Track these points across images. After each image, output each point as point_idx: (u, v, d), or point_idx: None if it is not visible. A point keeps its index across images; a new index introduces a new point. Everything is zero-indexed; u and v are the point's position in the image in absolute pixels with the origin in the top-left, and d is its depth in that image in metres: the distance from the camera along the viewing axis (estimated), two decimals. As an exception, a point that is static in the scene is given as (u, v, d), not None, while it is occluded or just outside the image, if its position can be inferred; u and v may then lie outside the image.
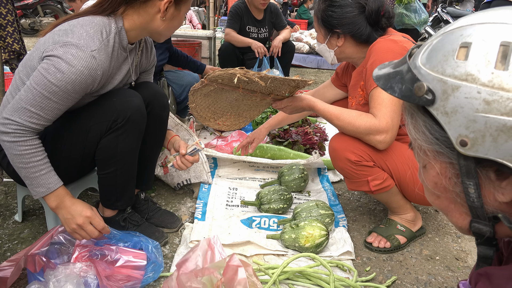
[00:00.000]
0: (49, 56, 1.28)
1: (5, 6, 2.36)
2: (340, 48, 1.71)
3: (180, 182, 2.11)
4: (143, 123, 1.52)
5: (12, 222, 1.79)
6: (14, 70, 2.62)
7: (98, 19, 1.39)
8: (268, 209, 1.89)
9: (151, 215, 1.80)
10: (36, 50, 1.37)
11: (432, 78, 0.58)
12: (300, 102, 1.58)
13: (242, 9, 3.81)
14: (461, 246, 1.77)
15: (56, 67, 1.26)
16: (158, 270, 1.44)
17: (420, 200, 1.68)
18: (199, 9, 10.52)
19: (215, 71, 1.40)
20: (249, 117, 1.82)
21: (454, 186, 0.61)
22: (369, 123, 1.51)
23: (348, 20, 1.63)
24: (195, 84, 1.49)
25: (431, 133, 0.60)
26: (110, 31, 1.40)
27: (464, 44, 0.56)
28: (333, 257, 1.60)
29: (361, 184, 1.64)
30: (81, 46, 1.29)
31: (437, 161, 0.62)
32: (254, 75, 1.34)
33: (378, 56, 1.56)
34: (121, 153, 1.49)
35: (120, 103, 1.43)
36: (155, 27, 1.45)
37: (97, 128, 1.42)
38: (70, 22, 1.38)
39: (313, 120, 3.21)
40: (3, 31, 2.39)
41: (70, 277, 1.23)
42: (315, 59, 6.36)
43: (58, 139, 1.44)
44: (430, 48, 0.61)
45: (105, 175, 1.53)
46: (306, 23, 8.91)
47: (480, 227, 0.61)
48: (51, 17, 8.45)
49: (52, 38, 1.33)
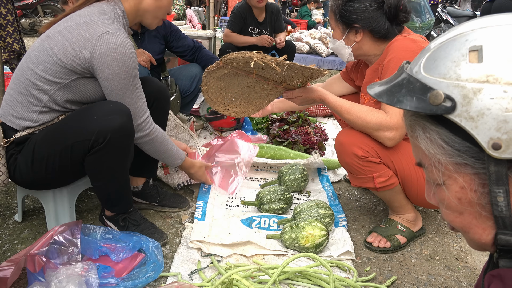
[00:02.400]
0: (99, 55, 1.35)
1: (5, 6, 2.37)
2: (358, 43, 1.69)
3: (181, 183, 2.12)
4: (127, 141, 1.47)
5: (12, 222, 1.79)
6: (14, 70, 2.62)
7: (104, 6, 1.47)
8: (268, 209, 1.89)
9: (162, 197, 1.93)
10: (57, 48, 1.38)
11: (446, 85, 0.56)
12: (311, 93, 1.57)
13: (246, 10, 3.81)
14: (461, 246, 1.77)
15: (117, 60, 1.37)
16: (158, 270, 1.44)
17: (423, 202, 1.68)
18: (199, 9, 10.52)
19: (231, 53, 1.38)
20: (258, 106, 1.81)
21: (480, 197, 0.58)
22: (380, 119, 1.51)
23: (367, 14, 1.62)
24: (210, 66, 1.47)
25: (449, 145, 0.58)
26: (119, 15, 1.49)
27: (473, 48, 0.55)
28: (333, 257, 1.60)
29: (366, 181, 1.63)
30: (114, 32, 1.38)
31: (460, 174, 0.59)
32: (271, 60, 1.32)
33: (396, 54, 1.55)
34: (107, 171, 1.48)
35: (100, 122, 1.38)
36: (146, 6, 1.55)
37: (80, 146, 1.40)
38: (80, 15, 1.42)
39: (313, 120, 3.21)
40: (3, 31, 2.39)
41: (72, 278, 1.23)
42: (315, 59, 6.36)
43: (46, 151, 1.43)
44: (431, 57, 0.59)
45: (96, 186, 1.55)
46: (306, 23, 8.91)
47: (508, 239, 0.58)
48: (51, 17, 8.45)
49: (78, 34, 1.37)
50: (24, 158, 1.45)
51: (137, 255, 1.51)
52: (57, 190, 1.61)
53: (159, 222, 1.85)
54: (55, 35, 1.41)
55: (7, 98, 1.49)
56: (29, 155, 1.43)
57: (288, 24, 7.79)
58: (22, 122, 1.46)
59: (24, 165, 1.45)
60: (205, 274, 1.49)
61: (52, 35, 1.42)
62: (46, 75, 1.41)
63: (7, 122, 1.47)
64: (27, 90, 1.43)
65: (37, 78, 1.41)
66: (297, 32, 7.06)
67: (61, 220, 1.64)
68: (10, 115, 1.47)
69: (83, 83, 1.45)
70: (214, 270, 1.50)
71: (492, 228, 0.60)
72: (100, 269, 1.44)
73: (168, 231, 1.77)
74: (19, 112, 1.45)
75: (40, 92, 1.43)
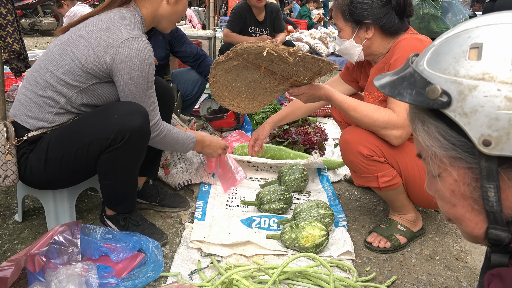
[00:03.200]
0: (120, 60, 1.39)
1: (5, 6, 2.36)
2: (369, 40, 1.68)
3: (181, 183, 2.12)
4: (144, 141, 1.52)
5: (12, 222, 1.79)
6: (14, 70, 2.61)
7: (124, 12, 1.50)
8: (268, 209, 1.89)
9: (162, 197, 1.94)
10: (79, 53, 1.41)
11: (444, 80, 0.57)
12: (318, 90, 1.56)
13: (246, 10, 3.81)
14: (461, 246, 1.77)
15: (137, 66, 1.41)
16: (158, 270, 1.44)
17: (424, 202, 1.68)
18: (199, 9, 10.53)
19: (243, 43, 1.37)
20: (263, 102, 1.81)
21: (473, 191, 0.60)
22: (388, 117, 1.50)
23: (377, 9, 1.63)
24: (220, 57, 1.47)
25: (446, 138, 0.59)
26: (138, 21, 1.53)
27: (474, 45, 0.56)
28: (333, 257, 1.60)
29: (369, 180, 1.62)
30: (137, 38, 1.42)
31: (454, 167, 0.61)
32: (284, 49, 1.31)
33: (403, 53, 1.56)
34: (120, 169, 1.50)
35: (120, 121, 1.42)
36: (163, 12, 1.59)
37: (97, 144, 1.42)
38: (102, 20, 1.45)
39: (313, 120, 3.21)
40: (3, 31, 2.39)
41: (72, 278, 1.23)
42: (315, 59, 6.35)
43: (61, 149, 1.44)
44: (435, 52, 0.61)
45: (105, 185, 1.56)
46: (306, 23, 8.91)
47: (498, 233, 0.60)
48: (51, 17, 8.45)
49: (101, 40, 1.40)
50: (36, 156, 1.45)
51: (137, 255, 1.51)
52: (57, 190, 1.61)
53: (159, 222, 1.85)
54: (76, 39, 1.44)
55: (21, 98, 1.50)
56: (43, 154, 1.44)
57: (288, 24, 7.79)
58: (36, 122, 1.47)
59: (37, 164, 1.45)
60: (205, 274, 1.49)
61: (74, 39, 1.44)
62: (66, 78, 1.43)
63: (20, 121, 1.48)
64: (44, 92, 1.45)
65: (56, 80, 1.44)
66: (297, 32, 7.06)
67: (61, 220, 1.64)
68: (25, 115, 1.48)
69: (101, 87, 1.49)
70: (214, 270, 1.50)
71: (484, 222, 0.61)
72: (100, 269, 1.44)
73: (168, 231, 1.78)
74: (34, 112, 1.47)
75: (57, 94, 1.45)
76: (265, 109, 3.22)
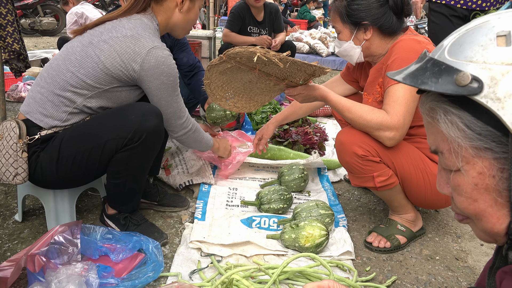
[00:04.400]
0: (148, 68, 1.46)
1: (5, 6, 2.36)
2: (368, 41, 1.68)
3: (182, 183, 2.12)
4: (159, 142, 1.56)
5: (12, 222, 1.79)
6: (14, 70, 2.61)
7: (144, 19, 1.56)
8: (268, 209, 1.89)
9: (161, 196, 1.94)
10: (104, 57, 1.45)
11: (472, 67, 0.57)
12: (313, 91, 1.57)
13: (244, 10, 3.81)
14: (461, 246, 1.77)
15: (165, 72, 1.49)
16: (158, 270, 1.44)
17: (421, 202, 1.68)
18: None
19: (235, 47, 1.37)
20: (260, 102, 1.81)
21: (498, 183, 0.59)
22: (381, 119, 1.51)
23: (375, 10, 1.63)
24: (213, 60, 1.48)
25: (471, 128, 0.58)
26: (156, 28, 1.58)
27: (501, 33, 0.56)
28: (333, 257, 1.60)
29: (366, 180, 1.63)
30: (160, 46, 1.49)
31: (480, 158, 0.59)
32: (274, 55, 1.32)
33: (401, 54, 1.56)
34: (132, 168, 1.53)
35: (138, 121, 1.46)
36: (175, 20, 1.65)
37: (113, 143, 1.45)
38: (125, 27, 1.50)
39: (313, 120, 3.21)
40: (3, 31, 2.39)
41: (72, 278, 1.23)
42: (315, 59, 6.35)
43: (74, 149, 1.45)
44: (456, 42, 0.60)
45: (114, 184, 1.57)
46: (306, 23, 8.91)
47: None
48: (51, 17, 8.45)
49: (127, 47, 1.45)
50: (48, 155, 1.46)
51: (137, 255, 1.51)
52: (58, 190, 1.61)
53: (159, 222, 1.85)
54: (99, 44, 1.47)
55: (35, 96, 1.51)
56: (55, 152, 1.45)
57: (287, 24, 7.79)
58: (50, 121, 1.48)
59: (48, 163, 1.46)
60: (205, 274, 1.49)
61: (97, 43, 1.47)
62: (87, 80, 1.46)
63: (33, 119, 1.49)
64: (62, 91, 1.47)
65: (76, 81, 1.47)
66: (296, 32, 7.06)
67: (61, 220, 1.64)
68: (39, 113, 1.48)
69: (119, 90, 1.53)
70: (214, 270, 1.50)
71: (507, 216, 0.60)
72: (100, 269, 1.44)
73: (168, 231, 1.78)
74: (49, 110, 1.48)
75: (75, 94, 1.47)
76: (265, 109, 3.22)
